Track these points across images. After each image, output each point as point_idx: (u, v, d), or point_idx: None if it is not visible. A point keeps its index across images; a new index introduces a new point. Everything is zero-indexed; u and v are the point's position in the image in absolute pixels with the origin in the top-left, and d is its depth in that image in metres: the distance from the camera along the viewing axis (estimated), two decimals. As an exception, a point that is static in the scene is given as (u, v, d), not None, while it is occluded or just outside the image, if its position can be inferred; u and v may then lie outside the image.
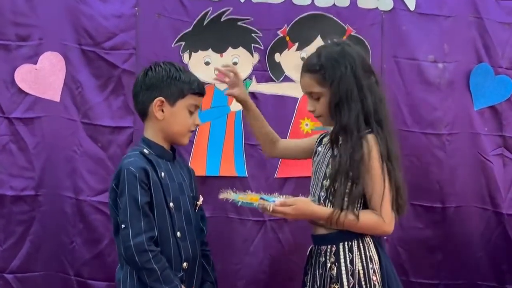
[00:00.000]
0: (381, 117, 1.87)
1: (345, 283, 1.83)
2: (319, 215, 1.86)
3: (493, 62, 2.77)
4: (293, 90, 2.67)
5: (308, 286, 1.95)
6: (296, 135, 2.66)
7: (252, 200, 1.87)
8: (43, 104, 2.59)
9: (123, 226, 1.80)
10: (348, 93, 1.85)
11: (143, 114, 1.95)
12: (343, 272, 1.84)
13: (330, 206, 1.88)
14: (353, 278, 1.83)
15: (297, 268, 2.30)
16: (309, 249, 1.99)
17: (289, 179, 2.67)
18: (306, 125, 2.68)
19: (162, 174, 1.88)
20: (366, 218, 1.83)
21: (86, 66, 2.60)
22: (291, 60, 2.67)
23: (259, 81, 2.67)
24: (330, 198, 1.88)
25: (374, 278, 1.84)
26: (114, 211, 1.87)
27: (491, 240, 2.76)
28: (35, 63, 2.57)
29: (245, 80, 2.65)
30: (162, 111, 1.91)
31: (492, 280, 2.76)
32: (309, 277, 1.96)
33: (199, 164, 2.61)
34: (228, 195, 1.91)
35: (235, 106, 2.65)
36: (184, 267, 1.88)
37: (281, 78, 2.68)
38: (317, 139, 2.09)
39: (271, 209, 1.81)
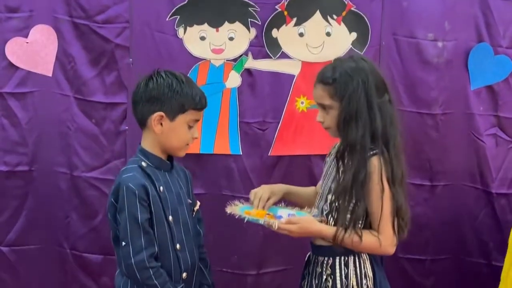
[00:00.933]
0: (389, 138, 1.86)
1: None
2: (324, 234, 1.89)
3: (493, 41, 2.71)
4: (290, 67, 2.64)
5: None
6: (291, 113, 2.65)
7: (258, 215, 1.90)
8: (35, 78, 2.55)
9: (123, 243, 1.80)
10: (358, 110, 1.83)
11: (142, 123, 1.92)
12: (338, 285, 1.89)
13: (332, 221, 1.90)
14: None
15: (288, 242, 2.35)
16: (307, 255, 2.04)
17: (283, 157, 2.67)
18: (302, 103, 2.66)
19: (161, 188, 1.87)
20: (368, 239, 1.86)
21: (78, 40, 2.54)
22: (289, 36, 2.61)
23: (255, 57, 2.62)
24: (333, 214, 1.90)
25: None
26: (113, 224, 1.87)
27: (479, 218, 2.81)
28: (26, 36, 2.51)
29: (241, 56, 2.61)
30: (161, 124, 1.88)
31: (479, 256, 2.82)
32: (306, 284, 2.01)
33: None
34: (235, 209, 1.93)
35: (231, 83, 2.62)
36: (183, 277, 1.91)
37: (278, 55, 2.63)
38: (328, 153, 2.08)
39: (276, 227, 1.83)
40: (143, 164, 1.88)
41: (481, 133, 2.77)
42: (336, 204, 1.89)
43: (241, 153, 2.64)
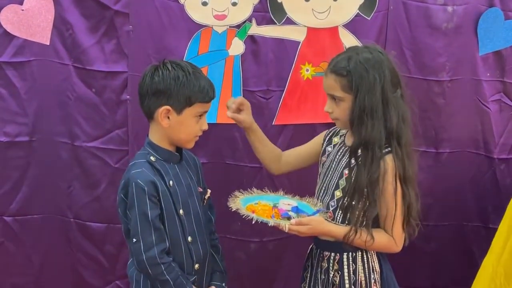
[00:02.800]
0: (402, 135, 1.82)
1: None
2: (334, 234, 1.88)
3: (504, 6, 2.64)
4: (295, 33, 2.56)
5: (308, 286, 2.02)
6: (296, 81, 2.59)
7: (264, 211, 1.87)
8: (32, 47, 2.47)
9: (134, 240, 1.80)
10: (373, 107, 1.77)
11: (149, 116, 1.87)
12: (346, 281, 1.90)
13: (340, 217, 1.88)
14: (355, 287, 1.89)
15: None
16: (310, 247, 2.03)
17: (287, 126, 2.63)
18: (307, 70, 2.59)
19: (171, 182, 1.85)
20: (379, 238, 1.85)
21: (76, 6, 2.46)
22: (294, 0, 2.52)
23: (259, 23, 2.53)
24: (342, 210, 1.88)
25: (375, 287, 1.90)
26: (124, 220, 1.86)
27: (480, 184, 2.81)
28: (21, 3, 2.41)
29: (244, 22, 2.53)
30: (168, 118, 1.82)
31: (478, 221, 2.84)
32: (309, 276, 2.01)
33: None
34: (237, 202, 1.90)
35: (234, 50, 2.55)
36: (196, 268, 1.92)
37: (283, 20, 2.54)
38: (325, 138, 2.03)
39: (287, 229, 1.81)
40: (152, 158, 1.85)
41: (486, 99, 2.73)
42: (346, 201, 1.86)
43: (245, 122, 2.61)
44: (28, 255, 2.64)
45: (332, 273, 1.93)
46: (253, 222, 1.85)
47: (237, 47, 2.55)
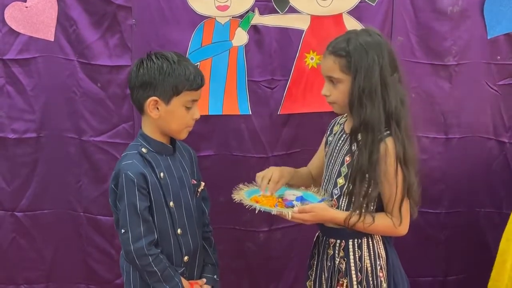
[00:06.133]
0: (401, 118, 1.81)
1: (354, 278, 1.90)
2: (338, 220, 1.88)
3: (512, -13, 2.60)
4: (298, 21, 2.54)
5: (315, 274, 2.01)
6: (301, 70, 2.57)
7: (267, 201, 1.88)
8: (37, 44, 2.50)
9: (123, 230, 1.83)
10: (372, 88, 1.77)
11: (139, 109, 1.88)
12: (352, 267, 1.90)
13: (345, 204, 1.88)
14: (361, 274, 1.89)
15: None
16: (316, 234, 2.02)
17: (293, 116, 2.62)
18: (312, 58, 2.57)
19: (161, 174, 1.86)
20: (381, 221, 1.85)
21: (79, 2, 2.46)
22: (297, -12, 2.51)
23: (262, 13, 2.52)
24: (345, 197, 1.88)
25: (381, 274, 1.90)
26: (114, 210, 1.89)
27: (491, 169, 2.77)
28: (25, 0, 2.44)
29: (247, 12, 2.52)
30: (158, 109, 1.83)
31: (491, 206, 2.80)
32: (315, 264, 2.01)
33: (201, 103, 2.51)
34: (241, 194, 1.91)
35: (237, 41, 2.54)
36: (185, 260, 1.93)
37: (286, 9, 2.52)
38: (327, 130, 2.03)
39: (290, 217, 1.81)
40: (143, 150, 1.86)
41: (495, 83, 2.69)
42: (351, 187, 1.86)
43: (250, 113, 2.59)
44: (40, 250, 2.67)
45: (338, 260, 1.92)
46: (256, 212, 1.85)
47: (240, 37, 2.54)
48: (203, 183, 2.06)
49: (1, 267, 2.68)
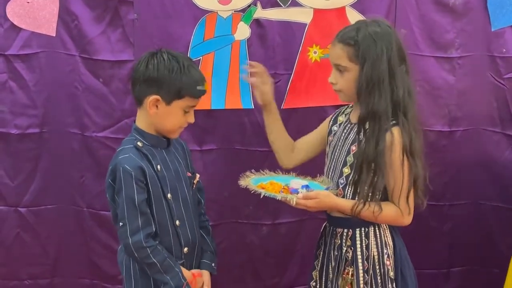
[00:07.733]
0: (408, 109, 1.82)
1: (360, 267, 1.90)
2: (342, 208, 1.88)
3: (516, -22, 2.58)
4: (301, 15, 2.53)
5: (321, 263, 2.02)
6: (304, 63, 2.56)
7: (273, 189, 1.88)
8: (39, 39, 2.49)
9: (121, 224, 1.84)
10: (380, 77, 1.78)
11: (138, 102, 1.89)
12: (359, 256, 1.90)
13: (350, 193, 1.88)
14: (367, 263, 1.90)
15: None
16: (323, 225, 2.02)
17: (297, 110, 2.60)
18: (315, 52, 2.56)
19: (158, 166, 1.87)
20: (386, 211, 1.86)
21: (79, -4, 2.46)
22: (299, -19, 2.50)
23: (264, 6, 2.51)
24: (351, 186, 1.88)
25: (388, 262, 1.90)
26: (112, 204, 1.89)
27: (499, 163, 2.75)
28: (26, -4, 2.44)
29: (249, 6, 2.51)
30: (157, 106, 1.83)
31: (498, 201, 2.78)
32: (322, 254, 2.01)
33: (204, 97, 2.51)
34: (248, 181, 1.91)
35: (240, 35, 2.53)
36: (185, 252, 1.94)
37: (288, 3, 2.51)
38: (331, 119, 2.03)
39: (294, 203, 1.83)
40: (139, 144, 1.87)
41: (501, 75, 2.67)
42: (356, 177, 1.86)
43: (253, 107, 2.58)
44: (44, 245, 2.67)
45: (345, 249, 1.93)
46: (261, 197, 1.88)
47: (243, 31, 2.53)
48: (198, 175, 2.07)
49: (5, 262, 2.68)
